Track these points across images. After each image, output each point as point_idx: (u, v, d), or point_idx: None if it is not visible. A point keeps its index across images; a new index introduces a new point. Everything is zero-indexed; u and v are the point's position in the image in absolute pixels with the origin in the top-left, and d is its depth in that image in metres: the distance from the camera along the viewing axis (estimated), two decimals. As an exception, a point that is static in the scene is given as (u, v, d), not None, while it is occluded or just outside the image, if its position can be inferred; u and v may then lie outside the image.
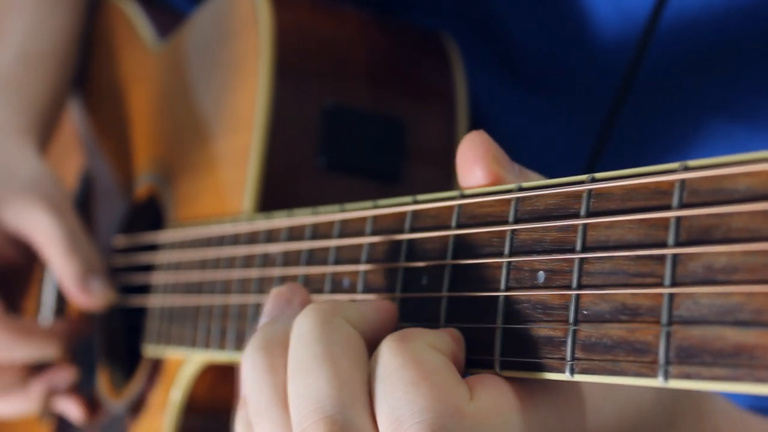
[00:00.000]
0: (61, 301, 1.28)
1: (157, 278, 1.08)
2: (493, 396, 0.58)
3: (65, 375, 1.20)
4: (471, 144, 0.65)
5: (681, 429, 0.71)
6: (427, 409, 0.56)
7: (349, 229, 0.74)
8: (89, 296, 1.12)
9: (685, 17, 0.89)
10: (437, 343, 0.60)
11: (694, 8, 0.89)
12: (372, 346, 0.62)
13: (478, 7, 1.07)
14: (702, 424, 0.73)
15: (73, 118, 1.39)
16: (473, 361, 0.61)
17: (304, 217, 0.80)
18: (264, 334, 0.66)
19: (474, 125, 1.04)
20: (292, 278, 0.79)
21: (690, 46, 0.90)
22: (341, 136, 0.96)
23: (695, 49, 0.90)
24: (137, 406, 1.11)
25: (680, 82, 0.92)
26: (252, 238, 0.87)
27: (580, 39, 0.98)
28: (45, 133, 1.22)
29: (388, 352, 0.59)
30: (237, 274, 0.88)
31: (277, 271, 0.81)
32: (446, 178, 0.99)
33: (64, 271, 1.11)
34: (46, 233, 1.10)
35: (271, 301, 0.70)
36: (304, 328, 0.62)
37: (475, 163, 0.64)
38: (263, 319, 0.69)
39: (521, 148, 1.05)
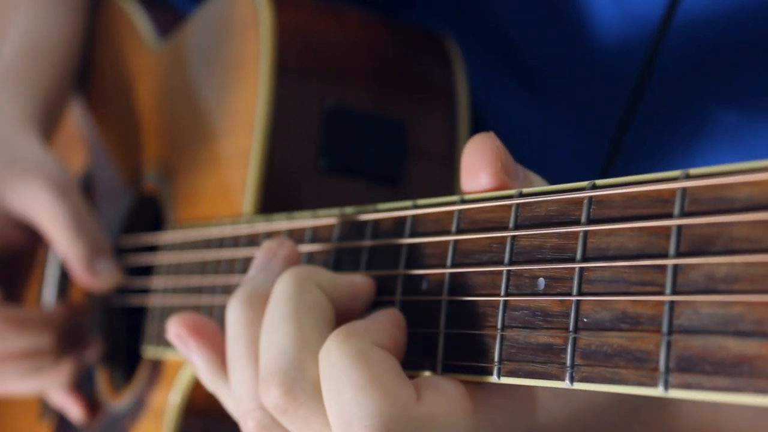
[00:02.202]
0: (64, 283, 1.28)
1: (157, 279, 1.08)
2: (439, 398, 0.60)
3: (94, 349, 1.21)
4: (479, 148, 0.63)
5: (644, 428, 0.71)
6: (375, 413, 0.58)
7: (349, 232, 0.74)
8: (96, 278, 1.12)
9: (695, 18, 0.89)
10: (382, 339, 0.63)
11: (703, 9, 0.88)
12: (342, 315, 0.67)
13: (479, 8, 1.06)
14: (669, 422, 0.72)
15: (75, 117, 1.38)
16: (473, 367, 0.60)
17: (303, 220, 0.79)
18: (246, 289, 0.70)
19: (476, 127, 1.03)
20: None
21: (700, 46, 0.90)
22: (342, 138, 0.96)
23: (705, 50, 0.90)
24: (137, 408, 1.11)
25: (690, 83, 0.92)
26: (252, 240, 0.87)
27: (583, 40, 0.97)
28: (48, 126, 1.22)
29: (336, 352, 0.61)
30: (237, 276, 0.88)
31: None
32: (448, 180, 0.99)
33: (71, 252, 1.10)
34: (51, 215, 1.09)
35: (259, 254, 0.73)
36: (280, 287, 0.66)
37: (482, 169, 0.63)
38: (251, 272, 0.73)
39: (524, 149, 1.04)
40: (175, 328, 0.75)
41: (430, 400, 0.60)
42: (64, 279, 1.28)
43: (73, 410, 1.22)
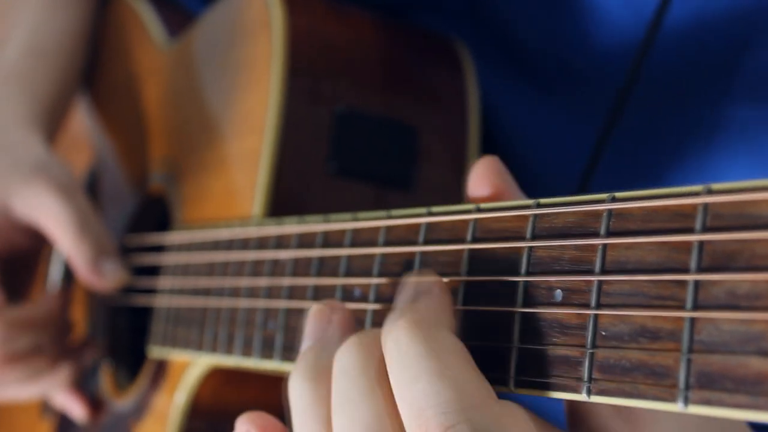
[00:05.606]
0: (67, 283, 1.28)
1: (164, 280, 1.07)
2: (520, 410, 0.58)
3: (92, 350, 1.21)
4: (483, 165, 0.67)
5: None
6: (453, 401, 0.55)
7: (361, 238, 0.73)
8: (101, 278, 1.11)
9: (691, 12, 0.88)
10: (452, 324, 0.61)
11: (699, 3, 0.88)
12: None
13: (485, 8, 1.06)
14: None
15: (82, 115, 1.38)
16: (488, 377, 0.60)
17: (315, 225, 0.79)
18: (308, 362, 0.66)
19: (484, 126, 1.03)
20: (302, 288, 0.78)
21: (696, 41, 0.89)
22: (352, 141, 0.96)
23: (700, 45, 0.89)
24: (141, 407, 1.10)
25: (694, 76, 0.91)
26: (262, 243, 0.87)
27: (588, 37, 0.97)
28: (52, 126, 1.22)
29: (406, 337, 0.58)
30: (246, 279, 0.88)
31: (287, 280, 0.81)
32: (458, 185, 0.98)
33: (75, 253, 1.10)
34: (55, 217, 1.09)
35: (311, 322, 0.70)
36: (346, 363, 0.62)
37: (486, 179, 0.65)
38: (306, 342, 0.69)
39: (533, 148, 1.04)
40: (245, 426, 0.71)
41: (511, 405, 0.57)
42: (68, 279, 1.28)
43: (76, 409, 1.21)
